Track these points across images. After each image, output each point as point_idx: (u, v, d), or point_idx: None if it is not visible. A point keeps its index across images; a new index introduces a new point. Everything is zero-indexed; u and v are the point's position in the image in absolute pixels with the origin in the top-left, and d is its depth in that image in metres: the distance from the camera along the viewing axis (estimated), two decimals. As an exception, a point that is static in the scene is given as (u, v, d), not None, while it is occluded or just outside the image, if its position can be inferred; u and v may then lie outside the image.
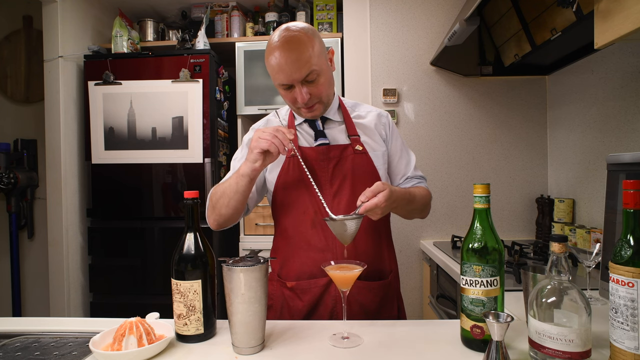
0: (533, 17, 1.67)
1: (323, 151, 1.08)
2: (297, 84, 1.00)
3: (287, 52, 0.97)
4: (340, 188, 1.06)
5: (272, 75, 1.02)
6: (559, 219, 1.94)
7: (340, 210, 1.03)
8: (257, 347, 0.81)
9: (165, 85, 2.20)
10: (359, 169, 1.08)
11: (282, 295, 1.08)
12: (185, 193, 0.89)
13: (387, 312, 1.09)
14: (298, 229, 1.07)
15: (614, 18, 0.97)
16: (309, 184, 1.02)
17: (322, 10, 2.43)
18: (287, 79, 0.99)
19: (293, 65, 0.97)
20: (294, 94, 1.02)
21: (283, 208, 1.11)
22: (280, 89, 1.05)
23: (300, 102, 1.03)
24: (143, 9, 2.65)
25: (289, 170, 1.08)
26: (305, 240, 1.06)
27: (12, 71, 2.81)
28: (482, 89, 2.25)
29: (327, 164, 1.08)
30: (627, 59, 1.56)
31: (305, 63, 0.97)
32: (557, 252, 0.71)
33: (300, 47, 0.97)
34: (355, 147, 1.10)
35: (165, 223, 2.23)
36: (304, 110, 1.07)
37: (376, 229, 1.10)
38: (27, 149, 2.70)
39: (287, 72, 0.98)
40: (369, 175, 1.10)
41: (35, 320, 1.03)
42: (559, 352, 0.67)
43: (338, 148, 1.09)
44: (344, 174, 1.07)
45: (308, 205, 1.06)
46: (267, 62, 1.02)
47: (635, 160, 1.07)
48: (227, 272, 0.80)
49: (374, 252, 1.09)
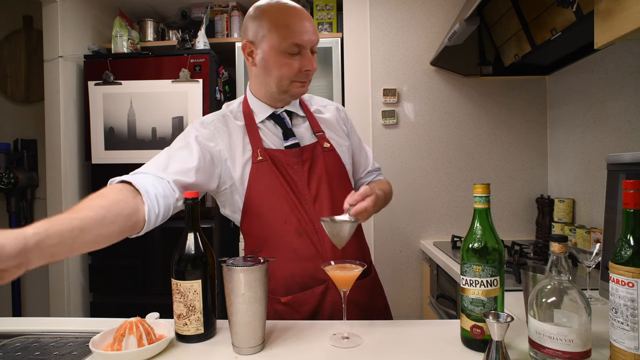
0: (533, 17, 1.67)
1: (296, 153, 1.00)
2: (308, 50, 0.96)
3: (307, 16, 0.96)
4: (318, 191, 0.99)
5: (285, 35, 0.93)
6: (559, 219, 1.94)
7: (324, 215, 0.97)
8: (257, 347, 0.81)
9: (165, 85, 2.20)
10: (332, 168, 1.03)
11: (274, 311, 0.99)
12: (185, 193, 0.89)
13: (376, 304, 1.08)
14: (281, 240, 0.98)
15: (614, 18, 0.97)
16: (286, 191, 0.96)
17: (322, 10, 2.43)
18: (308, 40, 0.95)
19: (313, 27, 0.95)
20: (300, 61, 0.95)
21: (259, 219, 1.00)
22: (282, 56, 0.95)
23: (310, 70, 0.97)
24: (143, 9, 2.65)
25: (259, 178, 0.97)
26: (292, 251, 0.97)
27: (12, 71, 2.81)
28: (482, 89, 2.25)
29: (301, 167, 0.99)
30: (627, 59, 1.56)
31: (317, 30, 0.97)
32: (557, 252, 0.71)
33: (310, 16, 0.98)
34: (324, 145, 1.03)
35: (165, 223, 2.21)
36: (298, 84, 0.98)
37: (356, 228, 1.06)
38: (27, 149, 2.70)
39: (309, 32, 0.94)
40: (341, 173, 1.05)
41: (35, 320, 1.03)
42: (559, 352, 0.67)
43: (309, 148, 1.02)
44: (319, 176, 1.00)
45: (289, 213, 0.97)
46: (278, 20, 0.94)
47: (635, 160, 1.07)
48: (227, 272, 0.80)
49: (359, 251, 1.06)
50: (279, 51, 0.94)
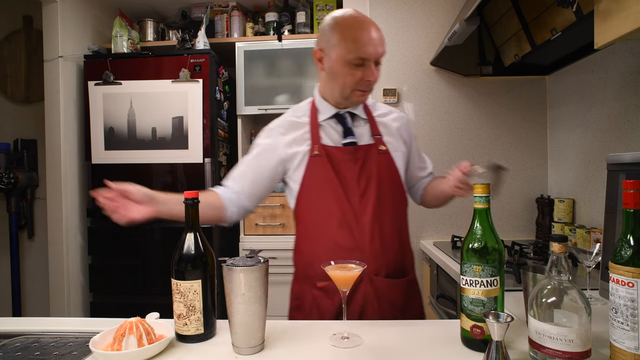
0: (533, 17, 1.67)
1: (350, 151, 1.08)
2: (372, 62, 1.02)
3: (375, 29, 1.02)
4: (366, 189, 1.06)
5: (351, 48, 1.00)
6: (559, 219, 1.94)
7: (367, 212, 1.04)
8: (257, 347, 0.81)
9: (165, 85, 2.20)
10: (384, 169, 1.09)
11: (311, 295, 1.07)
12: (185, 193, 0.89)
13: (413, 307, 1.10)
14: (324, 230, 1.06)
15: (614, 18, 0.97)
16: (335, 185, 1.04)
17: (322, 10, 2.43)
18: (374, 53, 1.01)
19: (379, 41, 1.02)
20: (363, 72, 1.02)
21: (307, 208, 1.09)
22: (348, 67, 1.02)
23: (372, 81, 1.04)
24: (143, 9, 2.65)
25: (313, 171, 1.07)
26: (333, 241, 1.04)
27: (12, 71, 2.81)
28: (482, 89, 2.25)
29: (353, 164, 1.07)
30: (627, 59, 1.56)
31: (383, 42, 1.04)
32: (557, 252, 0.71)
33: (376, 26, 1.04)
34: (379, 147, 1.10)
35: (165, 223, 2.22)
36: (358, 92, 1.06)
37: (399, 229, 1.12)
38: (27, 149, 2.70)
39: (375, 45, 1.01)
40: (392, 175, 1.11)
41: (35, 320, 1.03)
42: (559, 352, 0.67)
43: (364, 148, 1.09)
44: (369, 175, 1.07)
45: (334, 206, 1.05)
46: (347, 33, 1.01)
47: (635, 160, 1.07)
48: (227, 272, 0.80)
49: (399, 250, 1.10)
50: (345, 62, 1.02)
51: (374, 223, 1.04)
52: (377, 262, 1.03)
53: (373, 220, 1.04)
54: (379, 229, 1.05)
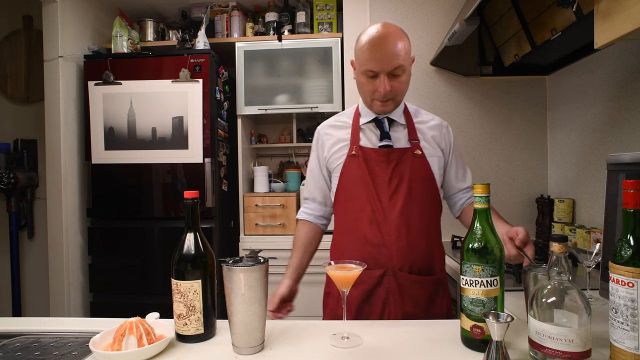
0: (533, 17, 1.67)
1: (384, 153, 1.14)
2: (383, 75, 1.07)
3: (384, 43, 1.06)
4: (397, 189, 1.12)
5: (362, 60, 1.09)
6: (559, 219, 1.94)
7: (395, 210, 1.10)
8: (257, 347, 0.81)
9: (165, 85, 2.20)
10: (417, 172, 1.14)
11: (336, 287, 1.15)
12: (185, 193, 0.89)
13: (437, 307, 1.13)
14: (356, 225, 1.14)
15: (614, 18, 0.97)
16: (367, 184, 1.12)
17: (322, 10, 2.43)
18: (377, 67, 1.06)
19: (390, 55, 1.06)
20: (376, 83, 1.09)
21: (343, 204, 1.18)
22: (363, 77, 1.11)
23: (381, 92, 1.08)
24: (143, 9, 2.65)
25: (349, 170, 1.15)
26: (363, 236, 1.12)
27: (12, 71, 2.81)
28: (482, 89, 2.25)
29: (386, 165, 1.13)
30: (627, 59, 1.56)
31: (397, 56, 1.06)
32: (557, 252, 0.71)
33: (395, 41, 1.07)
34: (415, 151, 1.15)
35: (165, 223, 2.23)
36: (378, 102, 1.12)
37: (427, 229, 1.16)
38: (27, 149, 2.70)
39: (382, 61, 1.06)
40: (426, 178, 1.15)
41: (35, 320, 1.03)
42: (559, 352, 0.67)
43: (399, 151, 1.14)
44: (401, 176, 1.12)
45: (366, 203, 1.12)
46: (359, 48, 1.10)
47: (635, 160, 1.07)
48: (227, 272, 0.80)
49: (425, 250, 1.13)
50: (360, 72, 1.12)
51: (401, 221, 1.09)
52: (403, 258, 1.09)
53: (400, 219, 1.09)
54: (406, 228, 1.10)
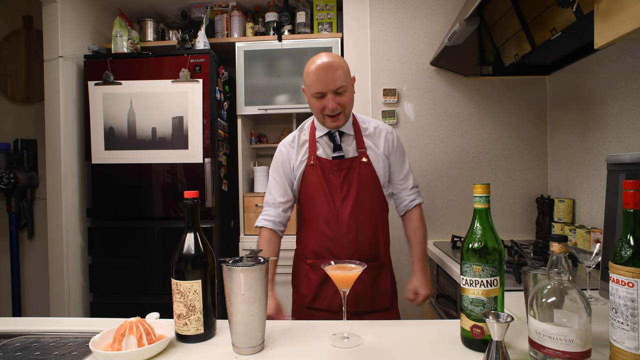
0: (533, 17, 1.67)
1: (336, 163, 1.34)
2: (330, 94, 1.25)
3: (327, 68, 1.25)
4: (347, 193, 1.34)
5: (311, 85, 1.27)
6: (559, 219, 1.94)
7: (346, 211, 1.32)
8: (257, 347, 0.81)
9: (165, 85, 2.20)
10: (365, 178, 1.34)
11: (304, 268, 1.40)
12: (185, 193, 0.89)
13: (380, 284, 1.37)
14: (315, 223, 1.36)
15: (614, 18, 0.97)
16: (324, 189, 1.33)
17: (322, 10, 2.43)
18: (324, 88, 1.25)
19: (334, 77, 1.24)
20: (324, 102, 1.27)
21: (304, 205, 1.41)
22: (313, 99, 1.29)
23: (330, 108, 1.25)
24: (143, 9, 2.65)
25: (309, 177, 1.36)
26: (320, 232, 1.35)
27: (12, 71, 2.81)
28: (482, 89, 2.25)
29: (338, 173, 1.34)
30: (627, 59, 1.56)
31: (338, 78, 1.25)
32: (557, 252, 0.71)
33: (336, 66, 1.26)
34: (362, 160, 1.34)
35: (165, 223, 2.23)
36: (329, 119, 1.30)
37: (375, 225, 1.37)
38: (27, 149, 2.70)
39: (327, 82, 1.24)
40: (372, 183, 1.35)
41: (35, 320, 1.03)
42: (559, 352, 0.67)
43: (349, 160, 1.35)
44: (350, 182, 1.34)
45: (323, 205, 1.34)
46: (307, 75, 1.29)
47: (635, 160, 1.07)
48: (227, 272, 0.80)
49: (372, 242, 1.36)
50: (310, 95, 1.30)
51: (351, 220, 1.32)
52: (352, 249, 1.32)
53: (350, 218, 1.32)
54: (355, 225, 1.33)
